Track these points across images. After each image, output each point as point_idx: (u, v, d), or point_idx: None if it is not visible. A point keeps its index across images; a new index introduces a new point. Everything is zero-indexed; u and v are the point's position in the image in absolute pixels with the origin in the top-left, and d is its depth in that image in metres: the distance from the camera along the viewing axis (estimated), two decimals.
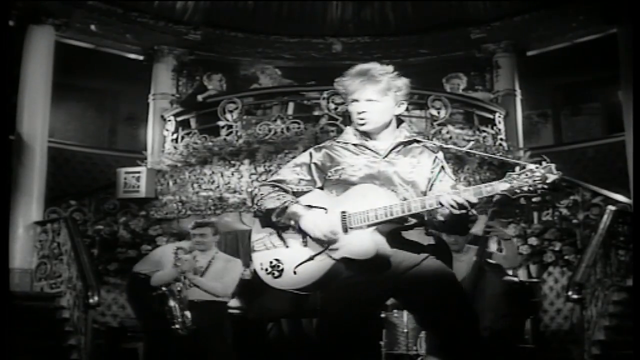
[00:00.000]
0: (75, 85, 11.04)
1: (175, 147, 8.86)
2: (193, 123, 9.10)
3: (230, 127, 8.35)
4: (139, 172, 8.89)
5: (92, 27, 9.58)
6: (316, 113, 8.43)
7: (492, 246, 9.08)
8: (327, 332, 2.94)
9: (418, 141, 3.06)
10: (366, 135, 3.04)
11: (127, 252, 8.57)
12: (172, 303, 5.73)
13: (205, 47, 10.50)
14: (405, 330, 6.08)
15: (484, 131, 8.81)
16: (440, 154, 3.04)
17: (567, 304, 7.36)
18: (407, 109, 8.87)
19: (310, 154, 3.08)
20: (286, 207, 2.91)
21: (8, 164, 7.94)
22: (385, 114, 3.00)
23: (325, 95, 8.15)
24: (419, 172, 2.98)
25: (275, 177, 3.11)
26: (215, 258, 5.99)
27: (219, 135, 8.39)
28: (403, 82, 3.02)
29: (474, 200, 2.70)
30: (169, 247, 7.52)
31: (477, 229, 8.15)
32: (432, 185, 2.98)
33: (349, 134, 3.09)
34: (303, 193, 3.02)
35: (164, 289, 5.81)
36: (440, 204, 2.73)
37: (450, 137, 8.18)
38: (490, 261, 5.73)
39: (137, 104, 10.83)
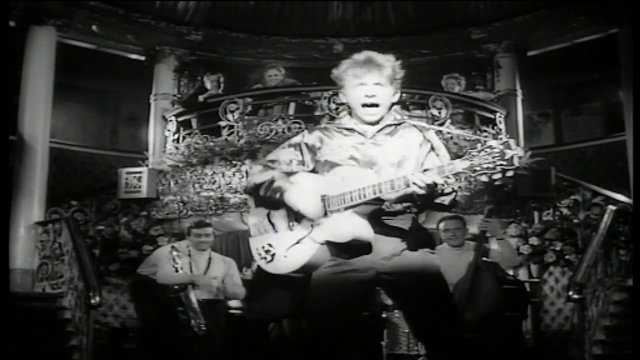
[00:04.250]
0: (76, 86, 11.06)
1: (176, 148, 8.87)
2: (194, 123, 9.11)
3: (231, 127, 8.36)
4: (140, 173, 8.88)
5: (94, 27, 9.58)
6: (317, 113, 8.43)
7: (493, 245, 9.10)
8: (320, 332, 2.95)
9: (406, 122, 3.11)
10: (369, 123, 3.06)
11: (128, 252, 8.56)
12: (187, 303, 5.69)
13: (206, 48, 10.51)
14: (407, 331, 6.08)
15: (485, 131, 8.81)
16: (430, 133, 3.06)
17: (568, 304, 7.36)
18: (408, 109, 8.92)
19: (303, 135, 3.13)
20: (273, 181, 2.95)
21: (9, 164, 7.95)
22: (388, 100, 3.05)
23: (326, 95, 8.17)
24: (406, 152, 3.00)
25: (268, 157, 3.17)
26: (212, 257, 5.98)
27: (220, 136, 8.40)
28: (402, 72, 3.09)
29: (438, 179, 2.71)
30: (167, 248, 7.52)
31: (475, 227, 8.19)
32: (421, 164, 2.99)
33: (345, 119, 3.13)
34: (295, 173, 3.04)
35: (176, 287, 5.77)
36: (407, 184, 2.72)
37: (451, 137, 8.18)
38: (487, 260, 5.74)
39: (139, 105, 10.85)
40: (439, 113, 8.37)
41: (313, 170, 3.06)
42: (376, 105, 3.01)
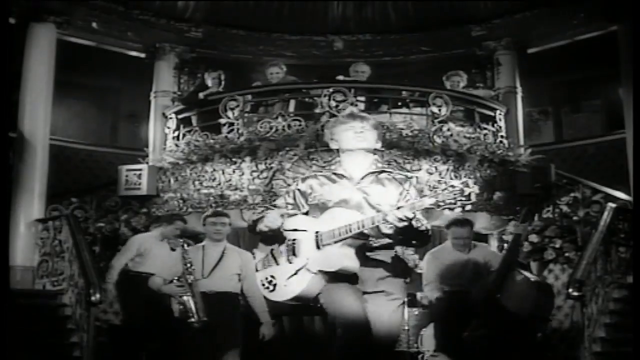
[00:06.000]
0: (76, 83, 11.05)
1: (176, 145, 8.87)
2: (194, 120, 9.11)
3: (231, 124, 8.36)
4: (140, 170, 8.89)
5: (94, 24, 9.60)
6: (317, 110, 8.43)
7: (493, 244, 9.09)
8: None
9: (387, 172, 3.63)
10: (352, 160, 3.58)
11: None
12: (185, 297, 5.65)
13: (206, 45, 10.52)
14: (406, 328, 6.09)
15: (485, 128, 8.80)
16: (407, 184, 3.55)
17: (568, 301, 7.36)
18: (408, 107, 8.91)
19: (297, 183, 3.73)
20: (263, 216, 3.58)
21: (9, 161, 7.96)
22: (372, 141, 3.60)
23: (326, 92, 8.17)
24: (386, 200, 3.47)
25: (272, 204, 3.86)
26: (226, 250, 5.94)
27: (220, 133, 8.40)
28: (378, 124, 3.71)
29: (410, 214, 3.17)
30: (147, 236, 7.43)
31: (480, 226, 8.20)
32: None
33: (336, 165, 3.72)
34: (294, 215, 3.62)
35: (176, 282, 5.73)
36: (385, 219, 3.22)
37: (451, 135, 8.18)
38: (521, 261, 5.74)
39: (139, 102, 10.85)
40: (439, 110, 8.35)
41: (307, 213, 3.61)
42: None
